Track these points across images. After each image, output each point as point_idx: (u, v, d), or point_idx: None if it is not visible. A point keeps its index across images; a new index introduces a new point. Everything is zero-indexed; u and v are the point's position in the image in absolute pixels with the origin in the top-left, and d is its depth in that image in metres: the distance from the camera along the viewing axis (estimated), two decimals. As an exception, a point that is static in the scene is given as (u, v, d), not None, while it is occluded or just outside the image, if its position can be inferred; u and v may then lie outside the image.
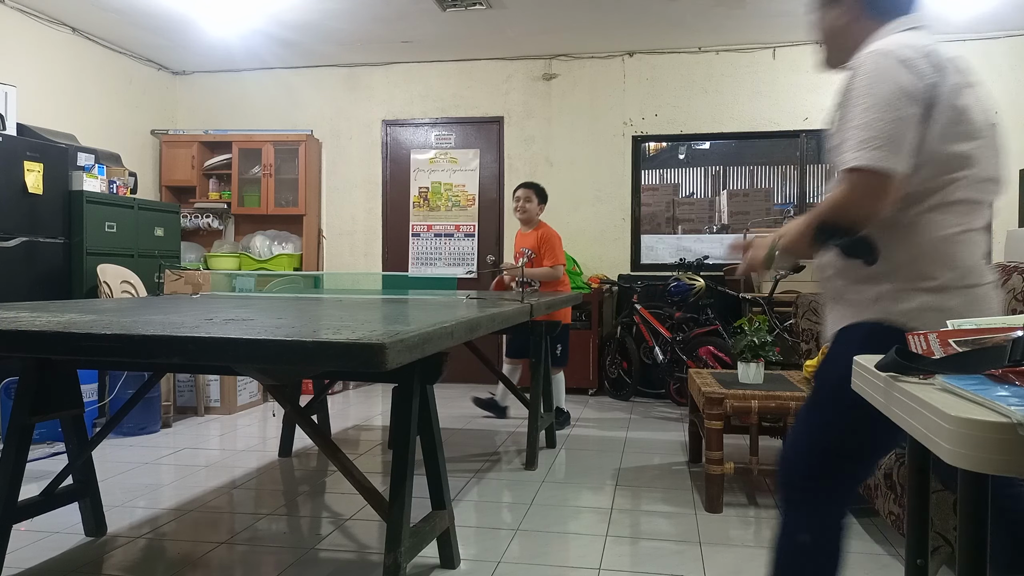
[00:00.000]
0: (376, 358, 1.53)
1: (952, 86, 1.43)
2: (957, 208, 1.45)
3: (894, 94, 1.39)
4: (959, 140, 1.44)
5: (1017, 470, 0.90)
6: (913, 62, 1.41)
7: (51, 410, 2.46)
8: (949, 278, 1.44)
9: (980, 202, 1.48)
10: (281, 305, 2.79)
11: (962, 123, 1.44)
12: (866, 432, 1.48)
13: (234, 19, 5.35)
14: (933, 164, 1.44)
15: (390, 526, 2.04)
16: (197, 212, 6.54)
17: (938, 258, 1.45)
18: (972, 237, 1.46)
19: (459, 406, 5.28)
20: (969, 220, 1.46)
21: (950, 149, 1.44)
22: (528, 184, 4.66)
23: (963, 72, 1.47)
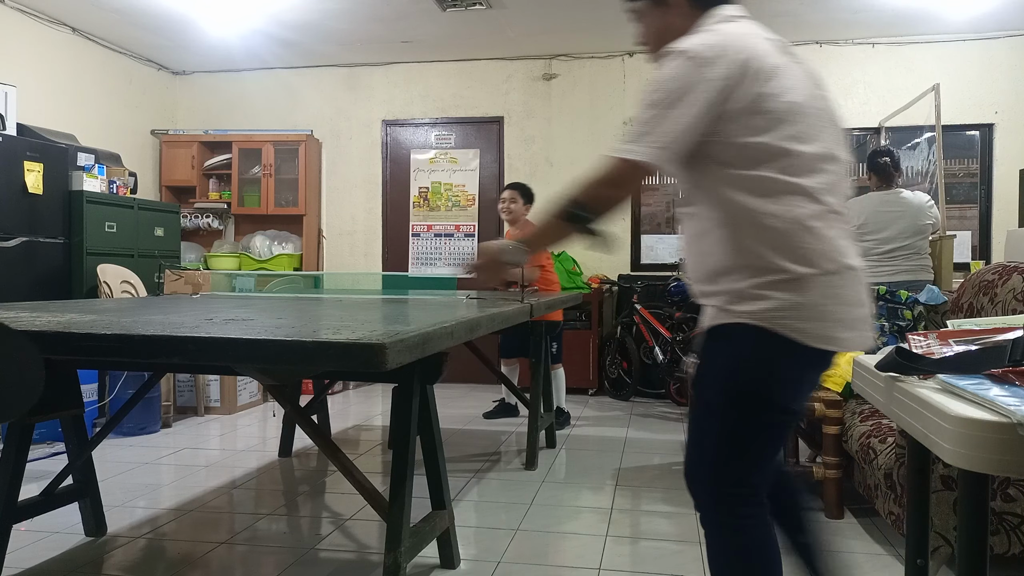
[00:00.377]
0: (376, 358, 1.53)
1: (752, 75, 1.39)
2: (792, 194, 1.41)
3: (677, 91, 1.40)
4: (771, 128, 1.40)
5: (1017, 470, 0.90)
6: (703, 58, 1.39)
7: (51, 410, 2.46)
8: (799, 268, 1.39)
9: (818, 185, 1.42)
10: (281, 305, 2.79)
11: (770, 111, 1.40)
12: (755, 431, 1.46)
13: (234, 19, 5.35)
14: (747, 155, 1.41)
15: (390, 526, 2.04)
16: (197, 212, 6.54)
17: (784, 248, 1.40)
18: (817, 222, 1.40)
19: (459, 406, 5.28)
20: (809, 205, 1.40)
21: (761, 138, 1.40)
22: (514, 185, 4.67)
23: (772, 56, 1.43)
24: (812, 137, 1.43)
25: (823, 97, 1.50)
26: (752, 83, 1.39)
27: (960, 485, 1.07)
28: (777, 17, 5.28)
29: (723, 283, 1.46)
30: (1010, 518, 2.18)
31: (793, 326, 1.38)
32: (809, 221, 1.40)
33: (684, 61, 1.41)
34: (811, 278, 1.39)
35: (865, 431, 2.74)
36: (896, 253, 4.04)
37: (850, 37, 5.74)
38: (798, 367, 1.43)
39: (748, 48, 1.41)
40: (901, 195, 4.10)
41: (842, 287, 1.41)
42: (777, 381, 1.43)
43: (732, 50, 1.40)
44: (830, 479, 2.93)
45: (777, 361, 1.41)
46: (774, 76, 1.40)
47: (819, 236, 1.40)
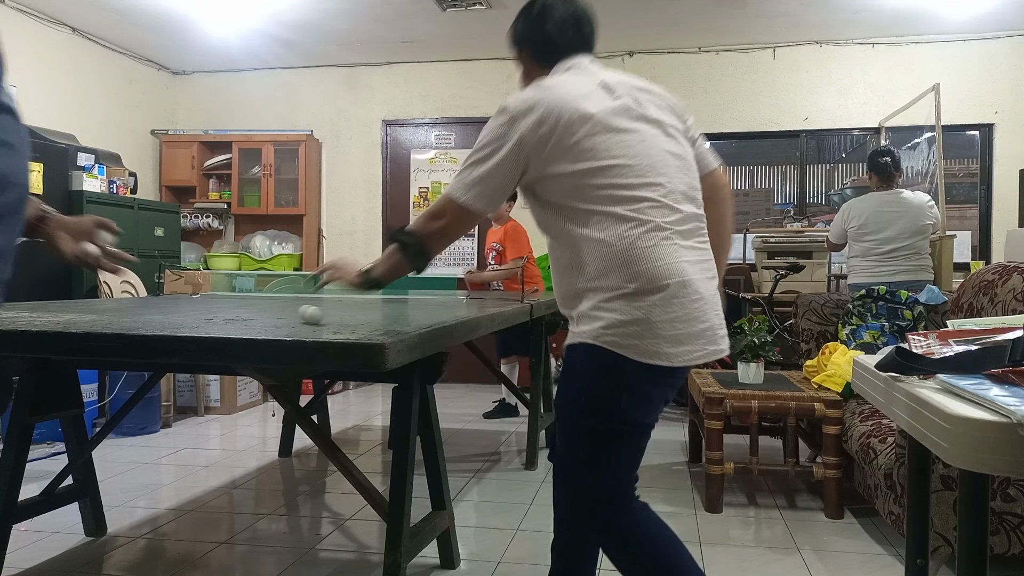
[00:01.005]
0: (376, 358, 1.53)
1: (562, 123, 1.50)
2: (614, 222, 1.49)
3: (493, 143, 1.56)
4: (582, 166, 1.50)
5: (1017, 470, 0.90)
6: (516, 111, 1.54)
7: (51, 410, 2.46)
8: (625, 288, 1.47)
9: (642, 206, 1.49)
10: (281, 305, 2.79)
11: (579, 153, 1.50)
12: (602, 440, 1.54)
13: (234, 19, 5.35)
14: (567, 192, 1.52)
15: (390, 526, 2.04)
16: (197, 212, 6.54)
17: (612, 271, 1.48)
18: (644, 242, 1.47)
19: (459, 406, 5.28)
20: (634, 228, 1.48)
21: (575, 178, 1.51)
22: None
23: (582, 101, 1.53)
24: (627, 165, 1.50)
25: (648, 124, 1.57)
26: (560, 130, 1.50)
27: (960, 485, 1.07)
28: (777, 17, 5.29)
29: (571, 306, 1.58)
30: (1010, 518, 2.19)
31: (619, 343, 1.46)
32: (635, 244, 1.47)
33: (500, 116, 1.58)
34: (637, 297, 1.46)
35: (865, 431, 2.74)
36: (896, 253, 4.04)
37: (850, 37, 5.74)
38: (634, 381, 1.49)
39: (559, 98, 1.53)
40: (902, 195, 4.10)
41: (670, 304, 1.46)
42: (617, 394, 1.50)
43: (543, 102, 1.53)
44: (830, 479, 2.93)
45: (613, 376, 1.49)
46: (582, 121, 1.51)
47: (646, 256, 1.47)
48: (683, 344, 1.47)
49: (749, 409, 2.98)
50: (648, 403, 1.54)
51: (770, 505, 3.13)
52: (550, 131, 1.51)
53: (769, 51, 5.93)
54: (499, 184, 1.56)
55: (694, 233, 1.55)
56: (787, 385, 3.18)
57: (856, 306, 3.52)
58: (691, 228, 1.55)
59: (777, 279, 4.94)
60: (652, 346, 1.45)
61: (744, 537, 2.76)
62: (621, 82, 1.62)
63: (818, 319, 3.72)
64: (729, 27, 5.53)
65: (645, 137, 1.54)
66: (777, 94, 5.93)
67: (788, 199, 6.15)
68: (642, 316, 1.45)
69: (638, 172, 1.51)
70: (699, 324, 1.49)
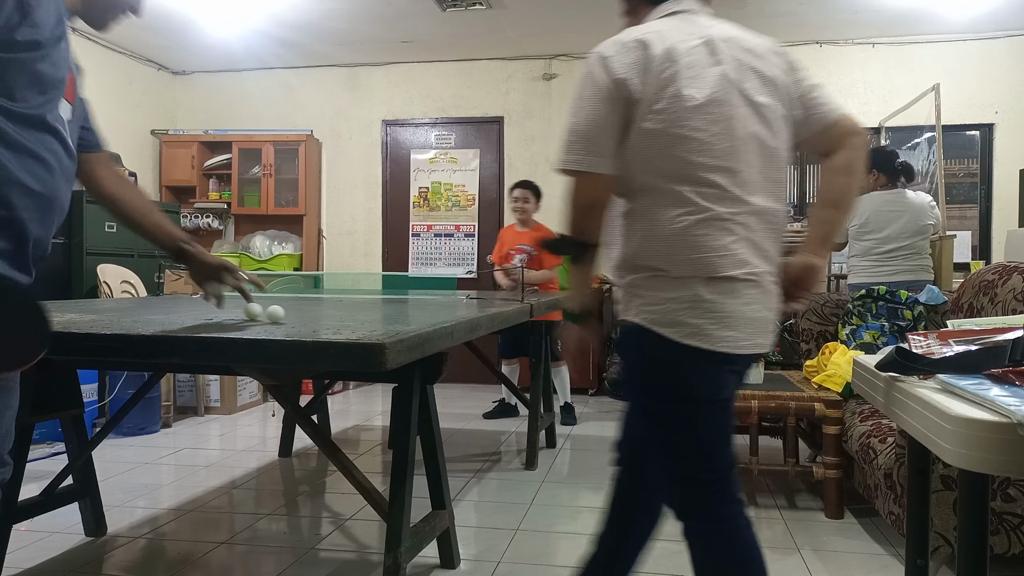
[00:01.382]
0: (376, 358, 1.53)
1: (652, 74, 1.39)
2: (674, 200, 1.41)
3: (593, 95, 1.43)
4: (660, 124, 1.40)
5: (1017, 470, 0.90)
6: (611, 59, 1.42)
7: (51, 410, 2.46)
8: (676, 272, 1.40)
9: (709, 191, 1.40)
10: (281, 305, 2.78)
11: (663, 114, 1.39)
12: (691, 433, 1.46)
13: (234, 19, 5.35)
14: (642, 155, 1.43)
15: (390, 526, 2.04)
16: (197, 212, 6.53)
17: (663, 251, 1.41)
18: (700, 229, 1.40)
19: (459, 406, 5.28)
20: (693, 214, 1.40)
21: (651, 140, 1.41)
22: (526, 184, 4.66)
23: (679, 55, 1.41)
24: (705, 142, 1.40)
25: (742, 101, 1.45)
26: (649, 85, 1.40)
27: (960, 485, 1.07)
28: (777, 17, 5.29)
29: (617, 275, 1.51)
30: (1010, 518, 2.18)
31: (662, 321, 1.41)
32: (687, 230, 1.40)
33: (592, 60, 1.45)
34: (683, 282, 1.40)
35: (865, 431, 2.74)
36: (896, 253, 4.04)
37: (850, 37, 5.74)
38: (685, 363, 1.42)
39: (655, 51, 1.41)
40: (904, 195, 4.10)
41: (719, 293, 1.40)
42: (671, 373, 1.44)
43: (637, 51, 1.41)
44: (830, 479, 2.93)
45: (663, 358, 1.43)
46: (672, 82, 1.40)
47: (695, 245, 1.40)
48: (731, 330, 1.40)
49: (749, 409, 2.98)
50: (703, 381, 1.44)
51: (770, 505, 3.13)
52: (640, 83, 1.40)
53: (769, 51, 5.93)
54: (596, 133, 1.42)
55: (758, 226, 1.45)
56: (787, 385, 3.18)
57: (856, 306, 3.52)
58: (756, 221, 1.44)
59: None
60: (697, 328, 1.39)
61: (744, 537, 2.76)
62: (728, 42, 1.49)
63: (818, 319, 3.72)
64: (729, 27, 5.52)
65: (734, 116, 1.42)
66: (777, 94, 5.92)
67: (788, 199, 6.15)
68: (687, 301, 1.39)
69: (714, 153, 1.40)
70: (748, 314, 1.42)
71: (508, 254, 4.63)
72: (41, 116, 1.36)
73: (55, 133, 1.42)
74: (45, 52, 1.33)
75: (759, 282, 1.44)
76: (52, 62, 1.36)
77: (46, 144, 1.39)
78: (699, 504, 1.49)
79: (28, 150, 1.34)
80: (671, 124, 1.40)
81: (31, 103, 1.33)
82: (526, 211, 4.59)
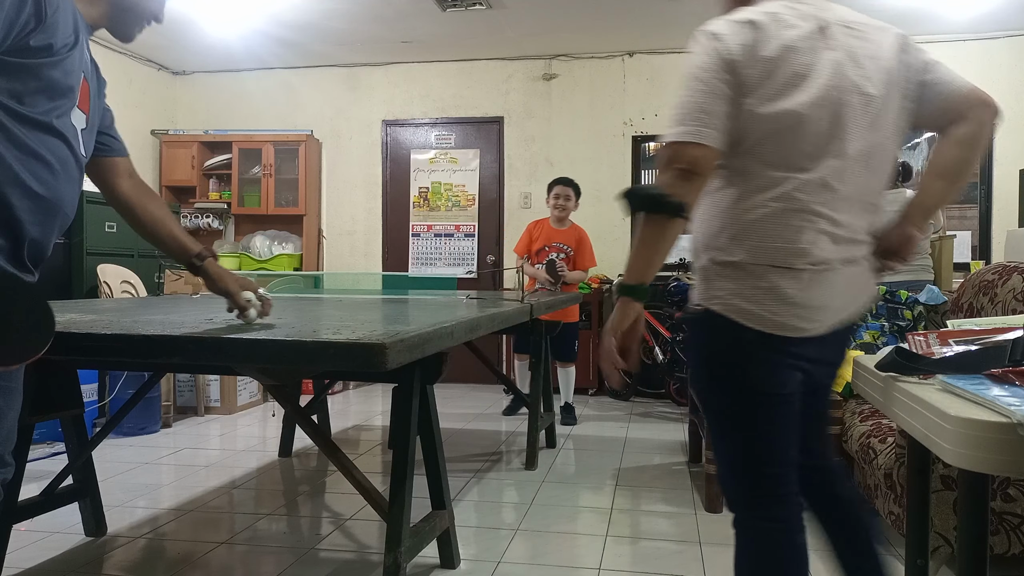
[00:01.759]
0: (376, 358, 1.53)
1: (760, 60, 1.36)
2: (762, 184, 1.38)
3: (699, 69, 1.39)
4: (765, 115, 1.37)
5: (1017, 470, 0.90)
6: (721, 38, 1.38)
7: (51, 410, 2.46)
8: (753, 258, 1.38)
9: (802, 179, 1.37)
10: (281, 305, 2.79)
11: (768, 98, 1.36)
12: (754, 424, 1.44)
13: (234, 19, 5.35)
14: (737, 137, 1.39)
15: (390, 526, 2.04)
16: (197, 212, 6.54)
17: (743, 236, 1.39)
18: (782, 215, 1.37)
19: (459, 406, 5.28)
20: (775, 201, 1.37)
21: (752, 123, 1.38)
22: (568, 181, 4.66)
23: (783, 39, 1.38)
24: (806, 130, 1.37)
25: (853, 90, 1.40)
26: (758, 64, 1.36)
27: (960, 485, 1.07)
28: (777, 17, 5.28)
29: (695, 257, 1.49)
30: (1010, 518, 2.18)
31: (735, 308, 1.38)
32: (768, 217, 1.37)
33: (701, 38, 1.41)
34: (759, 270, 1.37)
35: (865, 431, 2.74)
36: (896, 253, 4.04)
37: (850, 37, 5.73)
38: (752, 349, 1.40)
39: (761, 29, 1.37)
40: (903, 194, 4.10)
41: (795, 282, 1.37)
42: (737, 361, 1.41)
43: (739, 30, 1.38)
44: (830, 479, 2.93)
45: (730, 342, 1.40)
46: (780, 65, 1.36)
47: (774, 234, 1.37)
48: (802, 321, 1.37)
49: (749, 409, 2.98)
50: (765, 370, 1.41)
51: (770, 505, 3.12)
52: (748, 64, 1.36)
53: (769, 51, 5.93)
54: (705, 108, 1.36)
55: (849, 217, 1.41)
56: (787, 385, 3.18)
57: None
58: (847, 212, 1.41)
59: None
60: (769, 315, 1.37)
61: (744, 537, 2.76)
62: (843, 27, 1.44)
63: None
64: (729, 27, 5.52)
65: (843, 104, 1.39)
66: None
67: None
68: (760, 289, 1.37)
69: (817, 141, 1.37)
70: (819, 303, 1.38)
71: (543, 250, 4.60)
72: (48, 121, 1.38)
73: (64, 139, 1.43)
74: (58, 59, 1.34)
75: (839, 271, 1.40)
76: (64, 70, 1.37)
77: (53, 149, 1.40)
78: (748, 497, 1.47)
79: (34, 153, 1.35)
80: (776, 109, 1.36)
81: (39, 108, 1.34)
82: (567, 209, 4.59)
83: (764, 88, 1.36)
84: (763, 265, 1.37)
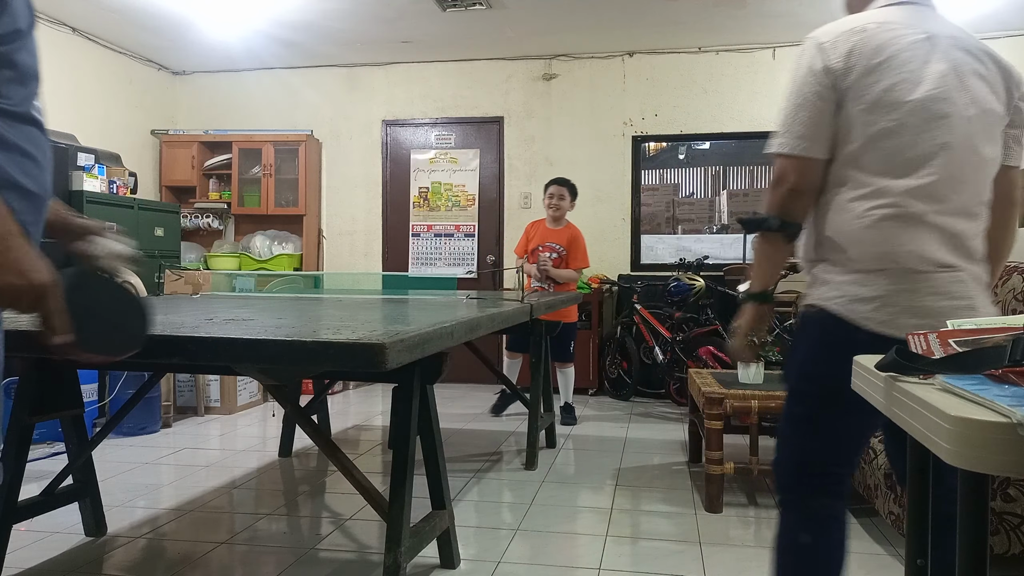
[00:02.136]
0: (376, 358, 1.53)
1: (866, 67, 1.39)
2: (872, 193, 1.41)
3: (805, 79, 1.43)
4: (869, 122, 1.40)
5: (1017, 470, 0.90)
6: (825, 46, 1.41)
7: (51, 410, 2.46)
8: (863, 263, 1.41)
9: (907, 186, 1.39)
10: (281, 305, 2.79)
11: (874, 105, 1.39)
12: (833, 424, 1.47)
13: (234, 19, 5.35)
14: (843, 144, 1.44)
15: (390, 526, 2.04)
16: (197, 212, 6.54)
17: (852, 243, 1.42)
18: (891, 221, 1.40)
19: (459, 406, 5.28)
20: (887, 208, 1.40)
21: (856, 130, 1.41)
22: (563, 181, 4.67)
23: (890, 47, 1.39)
24: (913, 140, 1.39)
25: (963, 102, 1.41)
26: (864, 71, 1.38)
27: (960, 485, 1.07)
28: (777, 17, 5.29)
29: (807, 264, 1.53)
30: (1010, 518, 2.18)
31: (853, 310, 1.41)
32: (878, 224, 1.40)
33: (807, 45, 1.44)
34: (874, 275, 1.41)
35: (865, 431, 2.73)
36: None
37: (850, 37, 5.73)
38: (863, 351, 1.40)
39: (873, 38, 1.39)
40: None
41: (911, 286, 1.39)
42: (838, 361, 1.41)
43: (853, 38, 1.40)
44: (830, 479, 2.93)
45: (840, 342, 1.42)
46: (887, 73, 1.38)
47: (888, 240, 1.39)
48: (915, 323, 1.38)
49: (749, 409, 2.98)
50: None
51: (770, 505, 3.13)
52: (853, 71, 1.38)
53: (769, 51, 5.93)
54: (808, 118, 1.41)
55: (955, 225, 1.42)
56: (787, 385, 3.18)
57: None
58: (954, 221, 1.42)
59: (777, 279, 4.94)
60: (884, 317, 1.39)
61: (744, 537, 2.76)
62: (952, 40, 1.45)
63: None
64: (729, 27, 5.53)
65: (951, 115, 1.40)
66: (777, 94, 5.90)
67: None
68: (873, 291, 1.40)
69: (924, 150, 1.39)
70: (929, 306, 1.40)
71: (536, 250, 4.62)
72: (26, 111, 1.33)
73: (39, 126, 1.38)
74: (23, 42, 1.27)
75: (945, 276, 1.42)
76: (30, 51, 1.31)
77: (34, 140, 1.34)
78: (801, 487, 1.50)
79: (20, 148, 1.29)
80: (883, 117, 1.39)
81: (16, 98, 1.27)
82: (561, 208, 4.59)
83: (868, 94, 1.39)
84: (875, 270, 1.41)
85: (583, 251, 4.64)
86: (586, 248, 4.67)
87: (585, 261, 4.65)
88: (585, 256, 4.65)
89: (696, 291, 5.21)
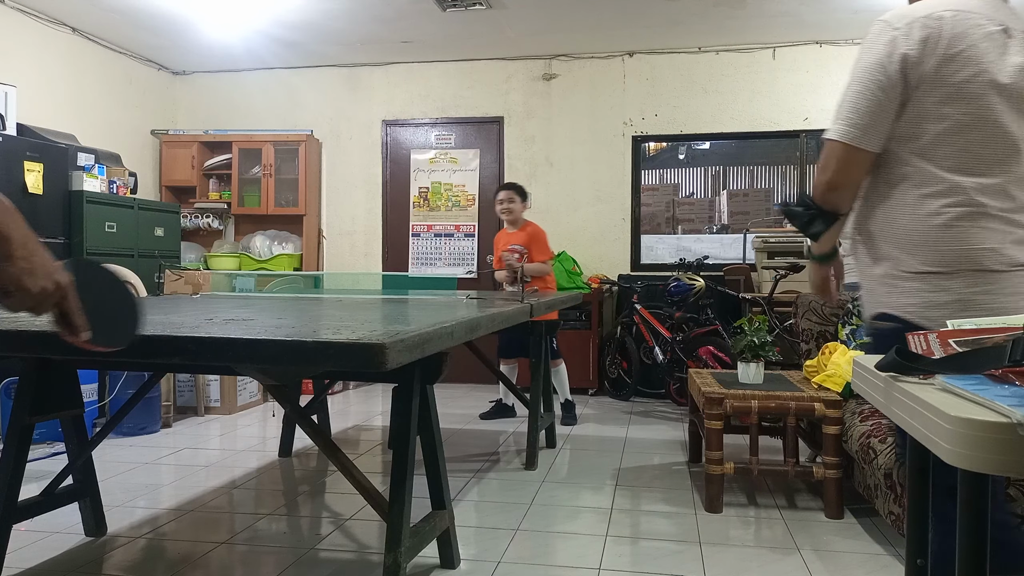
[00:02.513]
0: (376, 358, 1.53)
1: (942, 57, 1.33)
2: (941, 190, 1.36)
3: (872, 65, 1.37)
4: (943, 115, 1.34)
5: (1017, 470, 0.90)
6: (898, 31, 1.35)
7: (51, 410, 2.46)
8: (938, 265, 1.36)
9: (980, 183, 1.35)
10: (281, 305, 2.79)
11: (949, 97, 1.33)
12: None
13: (234, 19, 5.35)
14: (911, 138, 1.38)
15: (390, 526, 2.04)
16: (197, 212, 6.54)
17: (922, 240, 1.37)
18: (966, 220, 1.35)
19: (459, 406, 5.28)
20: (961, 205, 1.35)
21: (928, 122, 1.35)
22: (508, 185, 4.73)
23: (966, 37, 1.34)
24: (989, 134, 1.33)
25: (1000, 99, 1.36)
26: (937, 62, 1.32)
27: (960, 485, 1.07)
28: (777, 17, 5.29)
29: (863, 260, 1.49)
30: (1010, 518, 2.18)
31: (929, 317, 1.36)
32: (949, 224, 1.35)
33: (877, 29, 1.38)
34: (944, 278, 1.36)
35: (865, 431, 2.74)
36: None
37: (850, 37, 5.74)
38: None
39: (943, 25, 1.33)
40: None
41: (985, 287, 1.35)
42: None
43: (920, 24, 1.33)
44: (830, 479, 2.93)
45: None
46: (965, 65, 1.32)
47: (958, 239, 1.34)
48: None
49: (749, 409, 2.98)
50: None
51: (770, 505, 3.13)
52: (925, 61, 1.32)
53: (769, 51, 5.93)
54: (868, 107, 1.35)
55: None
56: (787, 385, 3.18)
57: (856, 306, 3.52)
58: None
59: (777, 279, 4.95)
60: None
61: (744, 537, 2.76)
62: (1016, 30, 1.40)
63: (818, 319, 3.72)
64: (729, 27, 5.53)
65: (1019, 112, 1.35)
66: (777, 94, 5.93)
67: (788, 200, 6.15)
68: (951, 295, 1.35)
69: (1001, 146, 1.33)
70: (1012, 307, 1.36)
71: (501, 256, 4.68)
72: None
73: None
74: None
75: (1022, 275, 1.38)
76: None
77: None
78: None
79: None
80: (959, 111, 1.33)
81: None
82: (511, 211, 4.63)
83: (943, 86, 1.33)
84: (950, 272, 1.35)
85: (543, 244, 4.65)
86: (546, 240, 4.67)
87: (547, 253, 4.64)
88: (546, 248, 4.65)
89: (696, 291, 5.21)
